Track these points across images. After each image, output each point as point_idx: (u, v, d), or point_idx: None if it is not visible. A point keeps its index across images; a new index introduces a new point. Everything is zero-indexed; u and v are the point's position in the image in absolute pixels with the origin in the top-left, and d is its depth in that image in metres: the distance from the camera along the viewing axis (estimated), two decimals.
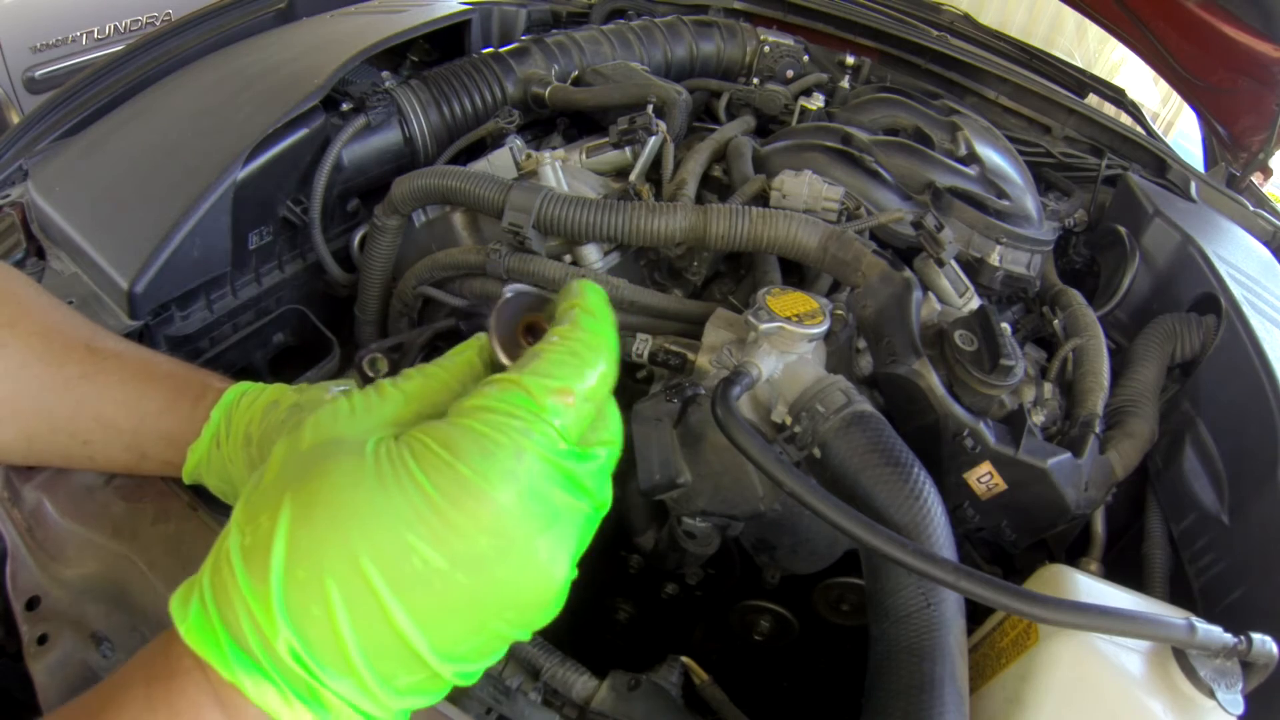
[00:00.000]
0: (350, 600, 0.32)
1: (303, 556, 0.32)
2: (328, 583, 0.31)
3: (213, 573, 0.34)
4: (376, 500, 0.33)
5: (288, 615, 0.31)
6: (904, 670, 0.61)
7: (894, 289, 0.83)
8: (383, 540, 0.32)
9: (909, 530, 0.65)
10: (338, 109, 1.13)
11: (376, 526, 0.32)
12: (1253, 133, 1.73)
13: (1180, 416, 0.96)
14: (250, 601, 0.32)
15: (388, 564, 0.32)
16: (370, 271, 1.11)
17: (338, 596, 0.32)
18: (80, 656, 0.63)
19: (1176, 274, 1.13)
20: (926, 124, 1.18)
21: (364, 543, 0.32)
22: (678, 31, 1.55)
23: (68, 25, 2.36)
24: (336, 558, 0.32)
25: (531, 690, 0.70)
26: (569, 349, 0.38)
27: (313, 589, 0.32)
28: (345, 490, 0.33)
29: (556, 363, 0.37)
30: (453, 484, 0.33)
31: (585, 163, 1.16)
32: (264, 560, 0.32)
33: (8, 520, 0.70)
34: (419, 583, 0.32)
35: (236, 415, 0.59)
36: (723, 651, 1.09)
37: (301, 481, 0.34)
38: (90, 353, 0.62)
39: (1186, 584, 0.85)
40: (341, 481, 0.33)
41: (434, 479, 0.33)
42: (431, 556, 0.32)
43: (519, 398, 0.35)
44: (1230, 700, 0.58)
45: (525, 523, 0.34)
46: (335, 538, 0.32)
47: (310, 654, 0.32)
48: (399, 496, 0.33)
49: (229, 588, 0.33)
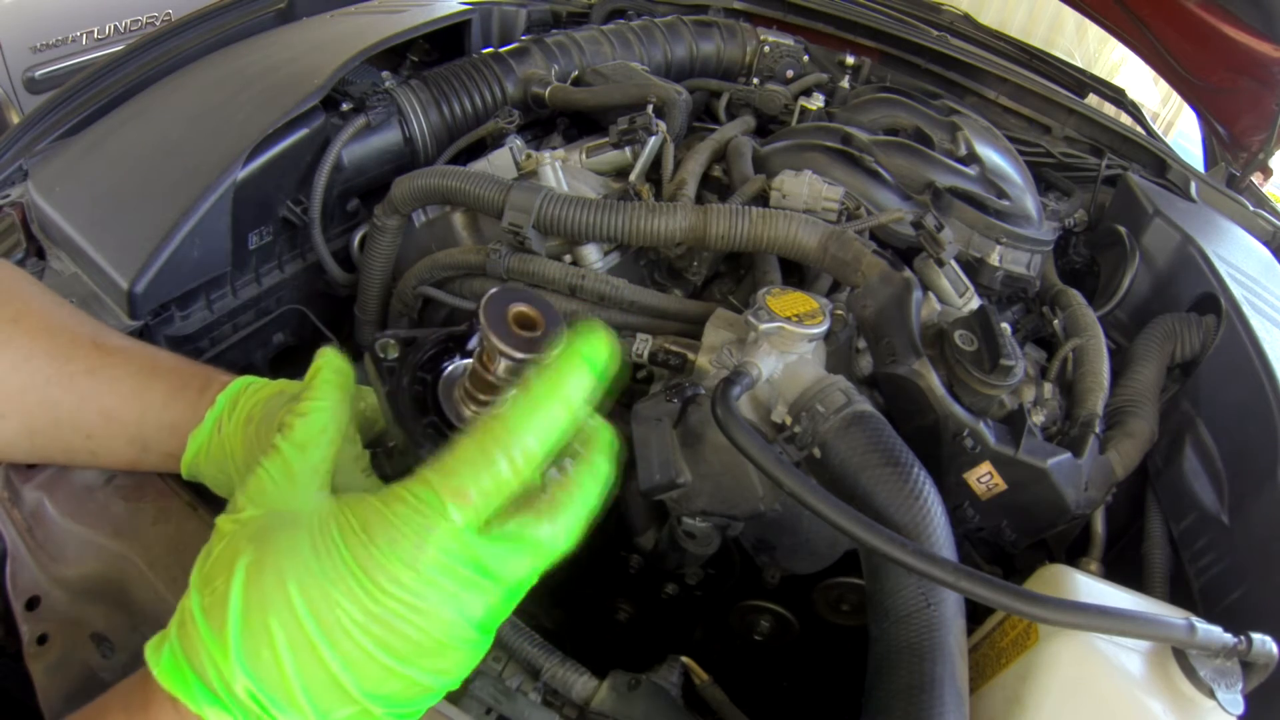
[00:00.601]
0: (292, 645, 0.39)
1: (254, 609, 0.39)
2: (274, 631, 0.39)
3: (179, 626, 0.41)
4: (310, 564, 0.40)
5: (243, 661, 0.39)
6: (904, 670, 0.61)
7: (894, 289, 0.83)
8: (315, 595, 0.39)
9: (909, 530, 0.65)
10: (338, 109, 1.13)
11: (310, 584, 0.39)
12: (1253, 133, 1.73)
13: (1180, 416, 0.96)
14: (213, 651, 0.39)
15: (319, 615, 0.39)
16: (370, 271, 1.11)
17: (282, 642, 0.39)
18: (80, 656, 0.63)
19: (1176, 274, 1.13)
20: (926, 124, 1.18)
21: (300, 597, 0.39)
22: (678, 31, 1.55)
23: (68, 25, 2.36)
24: (280, 609, 0.39)
25: (531, 690, 0.70)
26: (480, 447, 0.41)
27: (262, 636, 0.39)
28: (286, 555, 0.40)
29: (464, 460, 0.41)
30: (367, 558, 0.40)
31: (585, 163, 1.16)
32: (221, 615, 0.39)
33: (8, 520, 0.70)
34: (343, 632, 0.39)
35: (241, 400, 0.62)
36: (723, 651, 1.09)
37: (252, 548, 0.41)
38: (96, 348, 0.63)
39: (1186, 584, 0.85)
40: (283, 547, 0.41)
41: (354, 552, 0.40)
42: (352, 610, 0.39)
43: (425, 493, 0.40)
44: (1230, 700, 0.58)
45: (427, 594, 0.40)
46: (279, 594, 0.39)
47: (263, 691, 0.39)
48: (327, 561, 0.40)
49: (194, 639, 0.40)
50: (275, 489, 0.45)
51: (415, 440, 0.49)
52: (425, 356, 0.53)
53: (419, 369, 0.53)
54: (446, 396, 0.52)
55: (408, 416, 0.50)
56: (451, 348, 0.55)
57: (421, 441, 0.49)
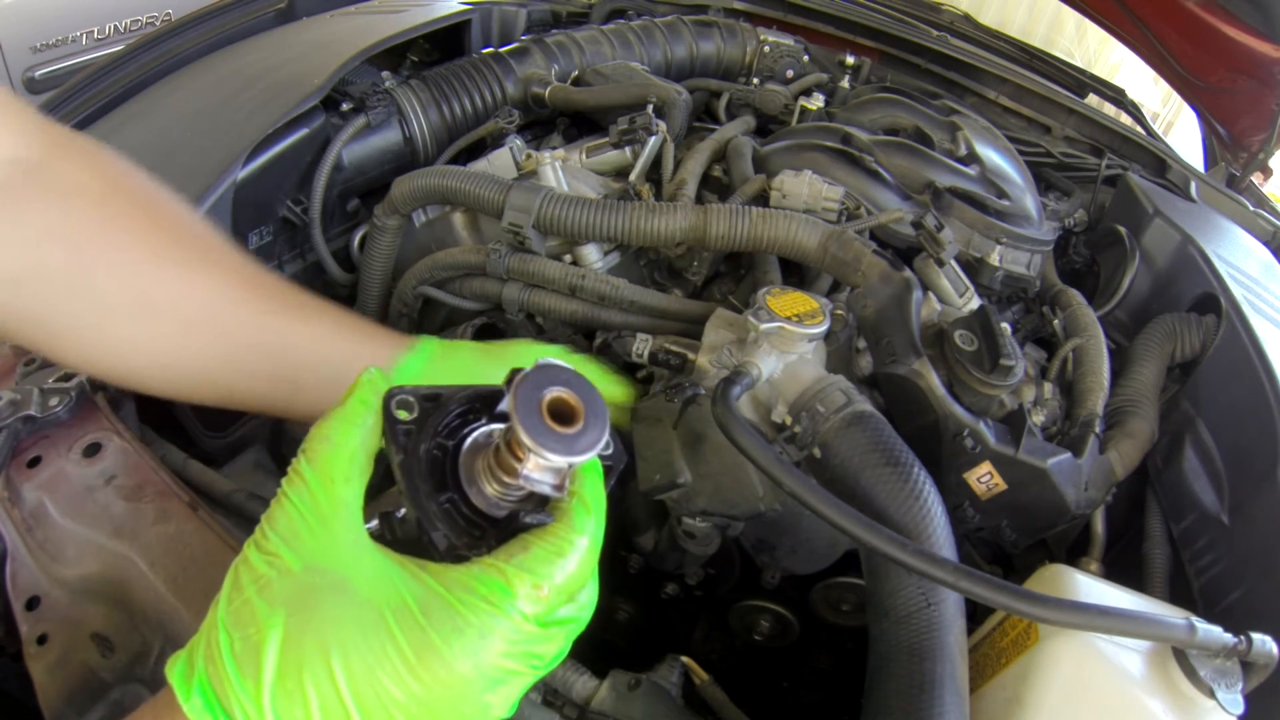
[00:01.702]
0: (326, 711, 0.39)
1: (292, 670, 0.39)
2: (309, 698, 0.38)
3: (207, 661, 0.40)
4: (357, 640, 0.39)
5: (276, 715, 0.38)
6: (904, 670, 0.61)
7: (894, 289, 0.83)
8: (357, 670, 0.39)
9: (909, 530, 0.65)
10: (338, 109, 1.13)
11: (355, 660, 0.39)
12: (1253, 133, 1.73)
13: (1180, 416, 0.96)
14: (245, 699, 0.39)
15: (358, 689, 0.39)
16: (370, 271, 1.11)
17: (316, 707, 0.38)
18: (80, 656, 0.63)
19: (1176, 274, 1.13)
20: (926, 124, 1.18)
21: (343, 671, 0.39)
22: (678, 31, 1.55)
23: (68, 25, 2.36)
24: (319, 679, 0.39)
25: (531, 690, 0.70)
26: (554, 546, 0.42)
27: (298, 698, 0.38)
28: (330, 627, 0.39)
29: (540, 558, 0.42)
30: (421, 645, 0.39)
31: (585, 163, 1.16)
32: (255, 667, 0.39)
33: (8, 520, 0.70)
34: (380, 709, 0.39)
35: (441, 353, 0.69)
36: (723, 651, 1.09)
37: (294, 608, 0.40)
38: (293, 292, 0.67)
39: (1186, 584, 0.85)
40: (327, 616, 0.40)
41: (407, 635, 0.40)
42: (394, 692, 0.39)
43: (498, 585, 0.41)
44: (1230, 700, 0.58)
45: (477, 684, 0.40)
46: (319, 663, 0.39)
47: None
48: (375, 641, 0.39)
49: (225, 682, 0.39)
50: (310, 534, 0.42)
51: (430, 521, 0.44)
52: (448, 420, 0.47)
53: (439, 434, 0.46)
54: (468, 467, 0.46)
55: (423, 494, 0.44)
56: (479, 408, 0.48)
57: (436, 523, 0.44)
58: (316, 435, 0.45)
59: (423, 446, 0.45)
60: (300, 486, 0.43)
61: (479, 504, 0.45)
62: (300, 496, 0.43)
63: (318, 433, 0.45)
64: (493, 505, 0.45)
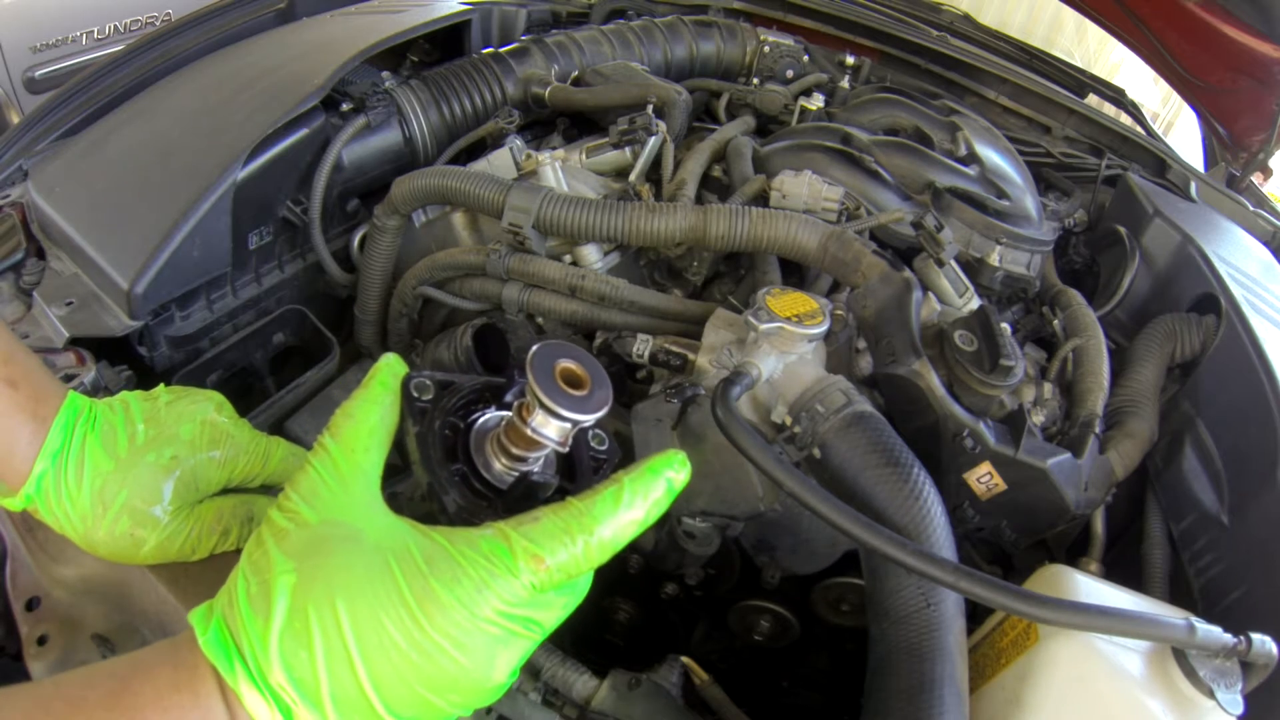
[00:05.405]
0: (329, 655, 0.40)
1: (298, 613, 0.41)
2: (314, 638, 0.40)
3: (227, 605, 0.43)
4: (362, 584, 0.41)
5: (282, 656, 0.40)
6: (904, 670, 0.61)
7: (894, 289, 0.83)
8: (361, 614, 0.41)
9: (909, 530, 0.65)
10: (338, 109, 1.13)
11: (359, 603, 0.41)
12: (1253, 133, 1.73)
13: (1180, 416, 0.96)
14: (254, 640, 0.41)
15: (361, 633, 0.40)
16: (370, 271, 1.11)
17: (320, 649, 0.40)
18: (80, 657, 0.63)
19: (1176, 274, 1.13)
20: (926, 124, 1.18)
21: (347, 612, 0.41)
22: (678, 31, 1.55)
23: (68, 25, 2.36)
24: (325, 620, 0.40)
25: (531, 690, 0.70)
26: (564, 525, 0.43)
27: (303, 639, 0.40)
28: (339, 571, 0.42)
29: (547, 532, 0.43)
30: (422, 591, 0.41)
31: (585, 163, 1.16)
32: (266, 609, 0.41)
33: (8, 520, 0.70)
34: (381, 653, 0.41)
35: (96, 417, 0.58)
36: (723, 651, 1.09)
37: (306, 555, 0.43)
38: None
39: (1186, 584, 0.85)
40: (336, 563, 0.42)
41: (409, 581, 0.42)
42: (395, 636, 0.41)
43: (499, 546, 0.43)
44: (1230, 700, 0.58)
45: (475, 635, 0.42)
46: (326, 606, 0.41)
47: (294, 686, 0.40)
48: (380, 586, 0.41)
49: (238, 622, 0.42)
50: (329, 493, 0.46)
51: (441, 485, 0.49)
52: (460, 402, 0.52)
53: (452, 414, 0.52)
54: (478, 446, 0.51)
55: (436, 460, 0.49)
56: (488, 397, 0.54)
57: (448, 488, 0.49)
58: (340, 414, 0.49)
59: (437, 422, 0.50)
60: (323, 455, 0.47)
61: (487, 476, 0.50)
62: (322, 463, 0.47)
63: (341, 412, 0.49)
64: (499, 479, 0.50)
